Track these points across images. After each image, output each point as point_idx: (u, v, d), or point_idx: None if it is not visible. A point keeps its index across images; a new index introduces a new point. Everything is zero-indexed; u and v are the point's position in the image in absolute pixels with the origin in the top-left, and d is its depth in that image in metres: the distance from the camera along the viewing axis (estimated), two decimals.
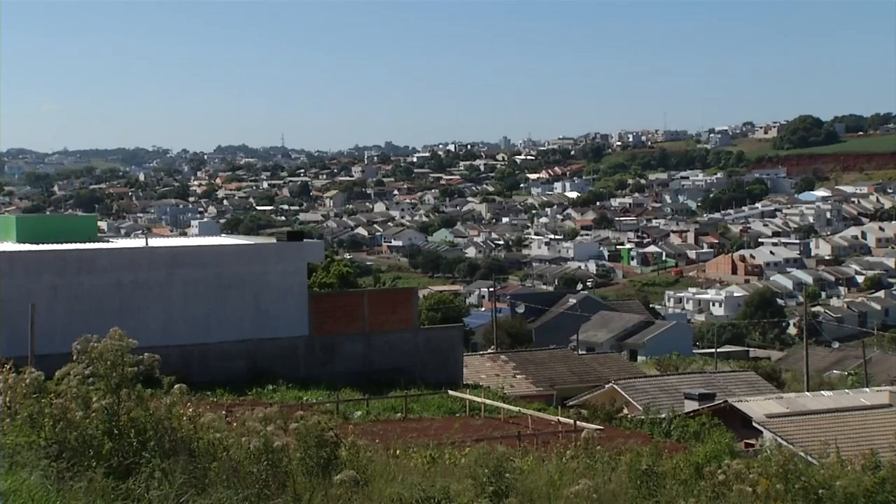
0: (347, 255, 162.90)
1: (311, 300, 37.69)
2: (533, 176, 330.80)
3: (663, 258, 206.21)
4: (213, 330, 35.07)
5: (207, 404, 22.82)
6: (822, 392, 44.49)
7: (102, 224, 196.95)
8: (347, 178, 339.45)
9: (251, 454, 10.82)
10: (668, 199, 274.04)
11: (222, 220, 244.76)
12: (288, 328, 36.09)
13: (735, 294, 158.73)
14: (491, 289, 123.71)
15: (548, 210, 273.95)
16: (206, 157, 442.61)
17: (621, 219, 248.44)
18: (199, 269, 35.40)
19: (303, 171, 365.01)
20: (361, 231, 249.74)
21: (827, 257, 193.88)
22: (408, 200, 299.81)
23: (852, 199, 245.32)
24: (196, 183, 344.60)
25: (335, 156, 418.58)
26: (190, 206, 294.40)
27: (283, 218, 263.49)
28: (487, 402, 30.28)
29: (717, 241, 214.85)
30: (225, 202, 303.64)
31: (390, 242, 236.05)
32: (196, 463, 10.34)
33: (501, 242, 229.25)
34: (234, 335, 35.32)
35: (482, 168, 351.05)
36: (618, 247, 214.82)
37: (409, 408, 30.04)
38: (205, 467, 10.39)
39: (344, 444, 13.06)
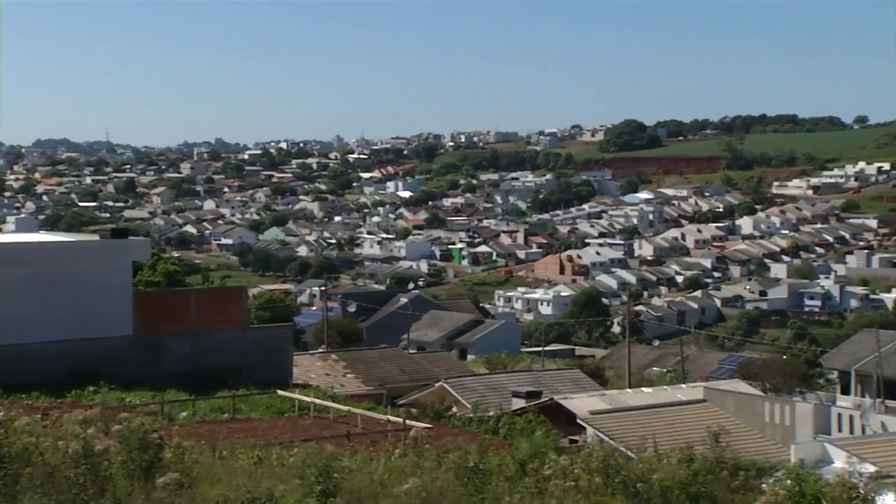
0: (175, 254, 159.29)
1: (136, 299, 36.66)
2: (366, 175, 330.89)
3: (494, 258, 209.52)
4: (30, 330, 33.67)
5: (21, 407, 21.92)
6: (643, 389, 46.07)
7: None
8: (176, 175, 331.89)
9: (69, 458, 10.46)
10: (498, 199, 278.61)
11: (41, 217, 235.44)
12: (111, 328, 34.97)
13: (562, 293, 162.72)
14: (322, 288, 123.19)
15: (380, 209, 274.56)
16: (23, 150, 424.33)
17: (453, 218, 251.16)
18: (15, 268, 33.94)
19: (129, 166, 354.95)
20: (190, 229, 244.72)
21: (649, 258, 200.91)
22: (238, 198, 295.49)
23: (673, 202, 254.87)
24: (13, 177, 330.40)
25: (163, 152, 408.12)
26: (6, 201, 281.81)
27: (108, 215, 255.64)
28: (317, 401, 30.11)
29: (545, 241, 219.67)
30: (44, 198, 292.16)
31: (220, 240, 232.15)
32: (6, 469, 9.91)
33: (333, 241, 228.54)
34: (53, 335, 34.01)
35: (315, 166, 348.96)
36: (449, 246, 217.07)
37: (236, 408, 29.58)
38: (17, 473, 9.97)
39: (168, 445, 12.78)
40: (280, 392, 32.17)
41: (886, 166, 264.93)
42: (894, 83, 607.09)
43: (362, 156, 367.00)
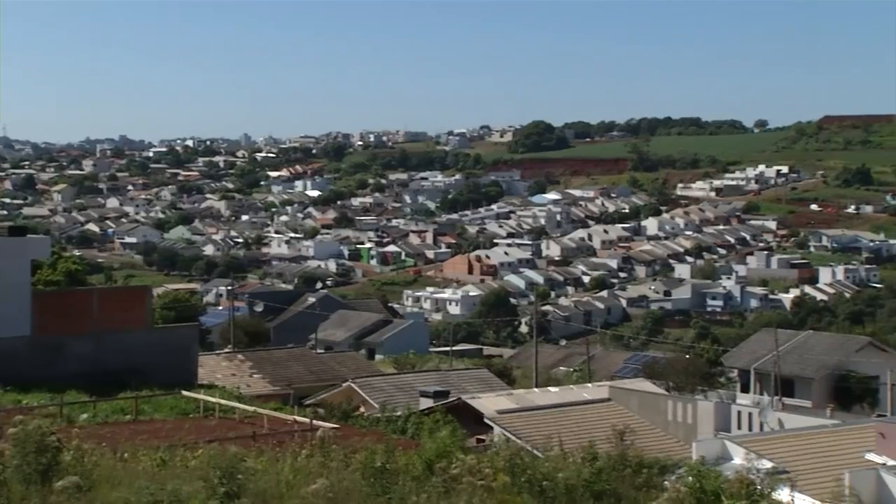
0: (76, 252, 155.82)
1: (35, 299, 35.80)
2: (274, 174, 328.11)
3: (402, 258, 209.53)
4: None
5: None
6: (549, 388, 46.51)
7: None
8: (78, 172, 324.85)
9: None
10: (407, 199, 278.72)
11: None
12: (8, 328, 34.08)
13: (471, 293, 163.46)
14: (229, 287, 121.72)
15: (288, 208, 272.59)
16: None
17: (362, 218, 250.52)
18: None
19: (27, 163, 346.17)
20: (92, 227, 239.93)
21: (556, 258, 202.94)
22: (143, 196, 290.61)
23: (580, 203, 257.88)
24: None
25: (64, 148, 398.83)
26: None
27: (5, 212, 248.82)
28: (222, 402, 29.74)
29: (454, 241, 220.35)
30: None
31: (123, 239, 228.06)
32: None
33: (241, 240, 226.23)
34: None
35: (222, 165, 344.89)
36: (358, 246, 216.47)
37: (139, 409, 29.07)
38: None
39: (67, 448, 12.50)
40: (185, 393, 31.72)
41: (785, 169, 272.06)
42: (792, 89, 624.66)
43: (270, 154, 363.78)
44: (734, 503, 12.89)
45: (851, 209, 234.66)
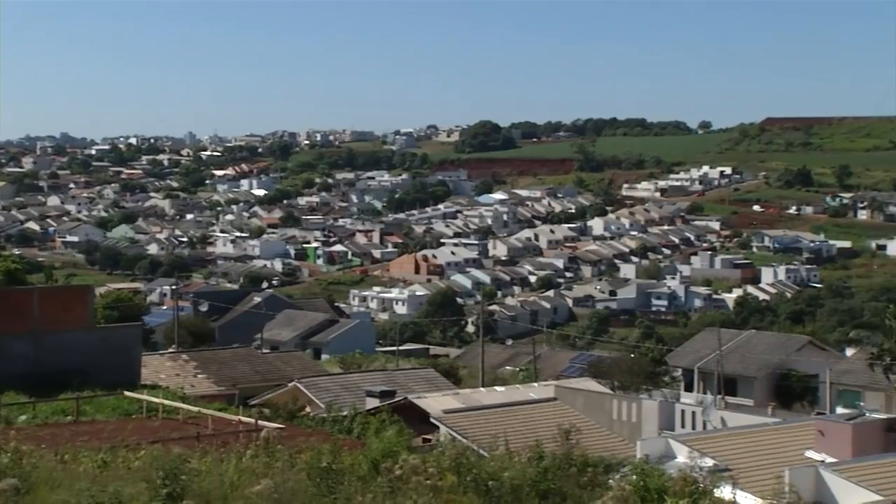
0: (16, 251, 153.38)
1: None
2: (219, 172, 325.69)
3: (349, 257, 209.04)
4: None
5: None
6: (496, 387, 46.63)
7: None
8: (17, 170, 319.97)
9: None
10: (354, 198, 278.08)
11: None
12: None
13: (417, 293, 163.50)
14: (173, 286, 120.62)
15: (234, 207, 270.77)
16: None
17: (308, 217, 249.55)
18: None
19: None
20: (32, 225, 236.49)
21: (503, 258, 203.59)
22: (85, 194, 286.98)
23: (527, 203, 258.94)
24: None
25: (3, 145, 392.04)
26: None
27: None
28: (166, 402, 29.45)
29: (401, 240, 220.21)
30: None
31: (65, 238, 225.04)
32: None
33: (185, 239, 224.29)
34: None
35: (166, 163, 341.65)
36: (304, 245, 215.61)
37: (81, 410, 28.69)
38: None
39: (5, 450, 12.30)
40: (127, 393, 31.39)
41: (728, 170, 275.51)
42: (736, 91, 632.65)
43: (215, 153, 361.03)
44: (677, 501, 13.01)
45: (793, 210, 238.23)
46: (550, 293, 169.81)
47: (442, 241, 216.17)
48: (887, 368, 52.74)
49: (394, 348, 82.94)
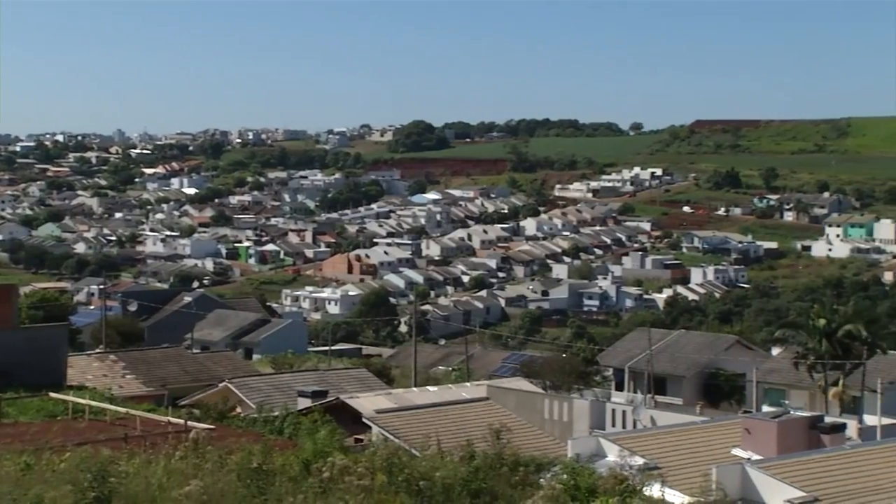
0: None
1: None
2: (149, 171, 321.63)
3: (281, 256, 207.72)
4: None
5: None
6: (428, 387, 46.69)
7: None
8: None
9: None
10: (287, 197, 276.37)
11: None
12: None
13: (350, 293, 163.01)
14: (101, 286, 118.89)
15: (164, 206, 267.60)
16: None
17: (240, 216, 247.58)
18: None
19: None
20: None
21: (436, 258, 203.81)
22: (9, 192, 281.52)
23: (460, 203, 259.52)
24: None
25: None
26: None
27: None
28: (93, 403, 28.97)
29: (333, 240, 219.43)
30: None
31: None
32: None
33: (114, 238, 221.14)
34: None
35: (94, 160, 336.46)
36: (236, 245, 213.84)
37: (3, 412, 28.11)
38: None
39: None
40: (52, 394, 30.83)
41: (659, 171, 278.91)
42: (666, 93, 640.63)
43: (145, 151, 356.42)
44: (607, 500, 13.13)
45: (721, 211, 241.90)
46: (483, 293, 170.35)
47: (375, 240, 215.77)
48: (811, 367, 53.83)
49: (326, 348, 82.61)
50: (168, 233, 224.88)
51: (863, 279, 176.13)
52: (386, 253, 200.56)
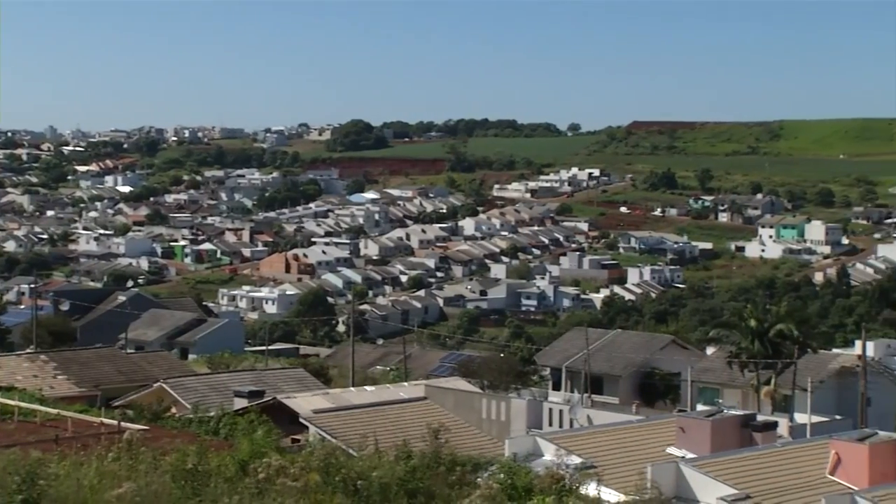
0: None
1: None
2: (82, 168, 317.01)
3: (218, 256, 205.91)
4: None
5: None
6: (366, 387, 46.53)
7: None
8: None
9: None
10: (224, 196, 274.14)
11: None
12: None
13: (288, 292, 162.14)
14: (32, 285, 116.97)
15: (98, 204, 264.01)
16: None
17: (176, 215, 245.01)
18: None
19: None
20: None
21: (374, 257, 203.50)
22: None
23: (398, 202, 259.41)
24: None
25: None
26: None
27: None
28: (22, 405, 28.44)
29: (271, 239, 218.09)
30: None
31: None
32: None
33: (46, 237, 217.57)
34: None
35: (25, 157, 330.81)
36: (172, 243, 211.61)
37: None
38: None
39: None
40: None
41: (596, 172, 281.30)
42: (604, 94, 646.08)
43: (78, 148, 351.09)
44: (544, 498, 13.19)
45: (658, 212, 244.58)
46: (421, 293, 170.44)
47: (313, 240, 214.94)
48: (744, 366, 54.60)
49: (263, 348, 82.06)
50: (102, 231, 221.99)
51: (794, 279, 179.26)
52: (324, 252, 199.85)
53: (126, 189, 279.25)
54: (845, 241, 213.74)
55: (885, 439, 29.82)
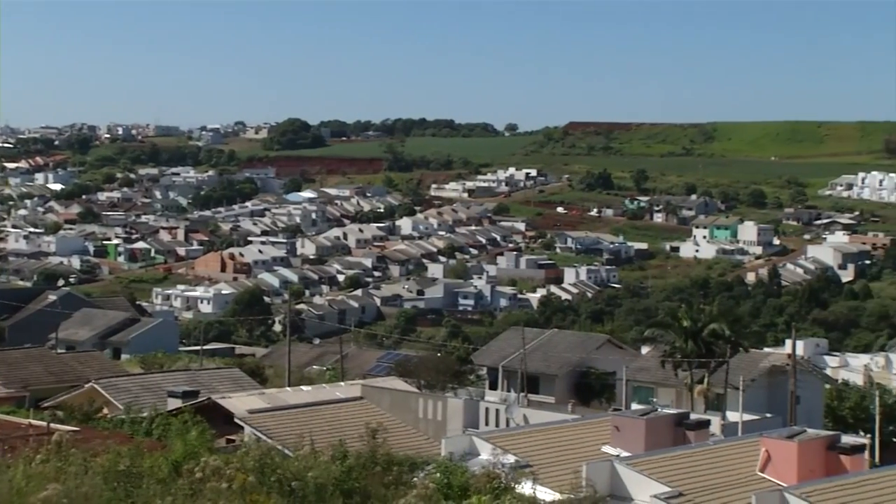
0: None
1: None
2: (11, 165, 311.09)
3: (152, 254, 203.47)
4: None
5: None
6: (302, 387, 46.31)
7: None
8: None
9: None
10: (158, 194, 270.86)
11: None
12: None
13: (223, 291, 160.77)
14: None
15: (28, 202, 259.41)
16: None
17: (109, 213, 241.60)
18: None
19: None
20: None
21: (311, 256, 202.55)
22: None
23: (336, 202, 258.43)
24: None
25: None
26: None
27: None
28: None
29: (207, 238, 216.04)
30: None
31: None
32: None
33: None
34: None
35: None
36: (104, 242, 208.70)
37: None
38: None
39: None
40: None
41: (533, 172, 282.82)
42: (540, 95, 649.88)
43: (7, 145, 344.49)
44: (480, 497, 13.21)
45: (594, 212, 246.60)
46: (358, 292, 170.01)
47: (249, 239, 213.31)
48: (677, 365, 55.23)
49: (198, 348, 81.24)
50: (32, 229, 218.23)
51: (727, 279, 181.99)
52: (260, 251, 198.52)
53: (57, 187, 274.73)
54: (776, 241, 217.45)
55: (813, 437, 30.40)
